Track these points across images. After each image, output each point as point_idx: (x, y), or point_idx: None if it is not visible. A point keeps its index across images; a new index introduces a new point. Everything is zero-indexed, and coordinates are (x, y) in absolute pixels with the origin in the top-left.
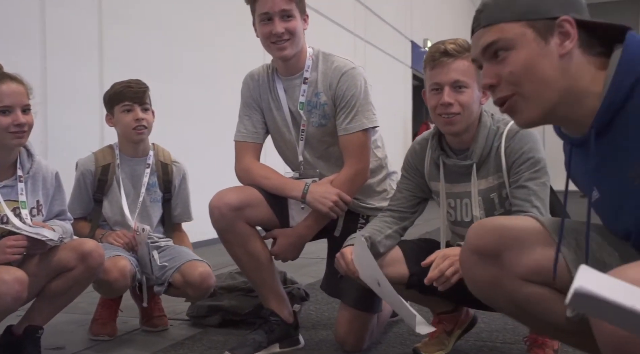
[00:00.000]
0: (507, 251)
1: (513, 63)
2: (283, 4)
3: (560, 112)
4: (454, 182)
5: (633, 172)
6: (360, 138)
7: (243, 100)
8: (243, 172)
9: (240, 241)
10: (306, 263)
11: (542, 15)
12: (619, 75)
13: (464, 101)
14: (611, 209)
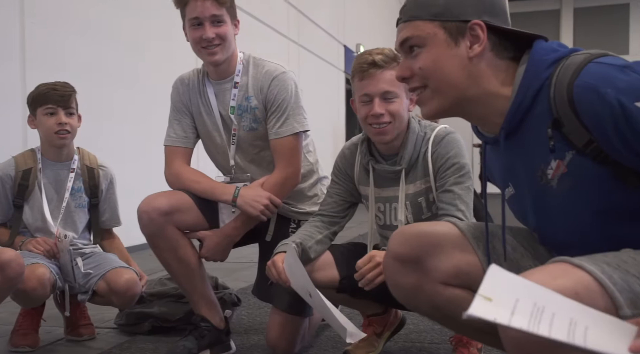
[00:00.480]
0: (427, 256)
1: (423, 60)
2: (214, 9)
3: (470, 110)
4: (383, 187)
5: (539, 171)
6: (291, 142)
7: (173, 104)
8: (173, 177)
9: (169, 246)
10: (238, 268)
11: (455, 18)
12: (526, 82)
13: (393, 110)
14: (522, 205)
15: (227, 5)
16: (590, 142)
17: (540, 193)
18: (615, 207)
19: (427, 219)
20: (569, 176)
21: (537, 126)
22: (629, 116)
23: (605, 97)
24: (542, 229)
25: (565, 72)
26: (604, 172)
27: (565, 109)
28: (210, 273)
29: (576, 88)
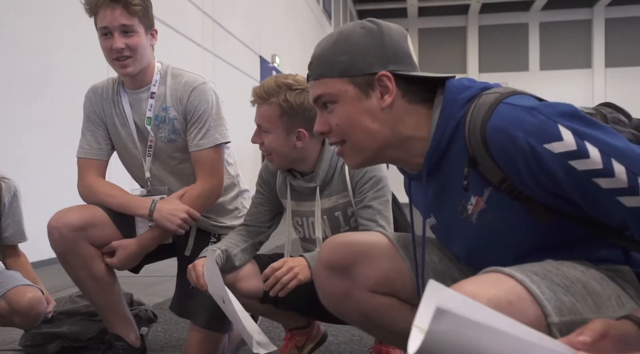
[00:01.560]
0: (357, 264)
1: (338, 116)
2: (123, 19)
3: (390, 155)
4: (301, 201)
5: (459, 206)
6: (213, 154)
7: (85, 115)
8: (86, 190)
9: (82, 263)
10: (153, 282)
11: (362, 72)
12: (442, 122)
13: (267, 143)
14: (445, 235)
15: (139, 14)
16: (505, 179)
17: (461, 227)
18: (530, 241)
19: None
20: (488, 212)
21: (456, 164)
22: (538, 157)
23: (516, 141)
24: (465, 259)
25: (477, 112)
26: (519, 207)
27: (480, 149)
28: (124, 288)
29: (488, 130)
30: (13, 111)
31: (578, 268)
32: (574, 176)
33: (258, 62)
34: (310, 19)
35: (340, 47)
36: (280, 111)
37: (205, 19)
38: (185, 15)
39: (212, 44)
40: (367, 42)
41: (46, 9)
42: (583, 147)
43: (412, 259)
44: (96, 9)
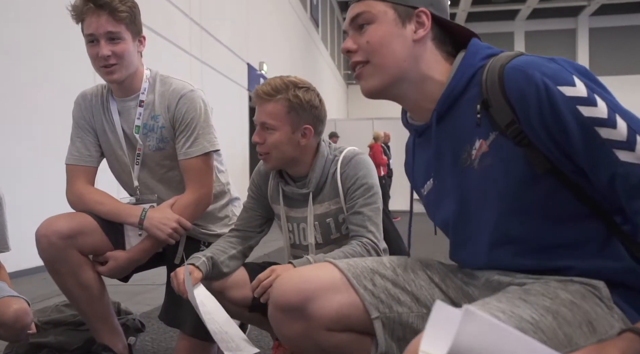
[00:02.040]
0: (309, 303)
1: (371, 35)
2: (109, 26)
3: (405, 90)
4: (293, 207)
5: (464, 154)
6: (202, 162)
7: (75, 121)
8: (75, 197)
9: (71, 271)
10: (140, 290)
11: (405, 2)
12: (462, 68)
13: (270, 142)
14: (441, 195)
15: (125, 21)
16: (513, 122)
17: (462, 176)
18: (519, 197)
19: (336, 239)
20: (489, 156)
21: (467, 110)
22: (551, 96)
23: (532, 78)
24: (455, 216)
25: (497, 60)
26: (519, 154)
27: (494, 89)
28: (111, 296)
29: (506, 69)
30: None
31: (546, 294)
32: (578, 120)
33: (245, 69)
34: (298, 27)
35: None
36: (288, 107)
37: (192, 26)
38: (173, 22)
39: (199, 51)
40: None
41: (34, 16)
42: (592, 97)
43: (365, 287)
44: (82, 15)
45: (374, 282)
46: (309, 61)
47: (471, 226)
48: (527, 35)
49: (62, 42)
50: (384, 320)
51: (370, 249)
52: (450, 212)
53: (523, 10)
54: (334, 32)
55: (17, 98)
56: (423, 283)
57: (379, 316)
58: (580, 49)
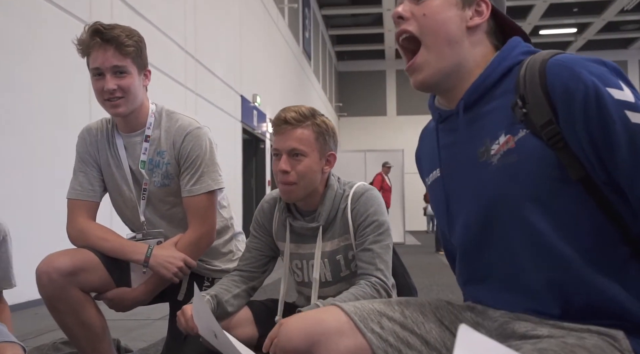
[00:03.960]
0: (315, 348)
1: (430, 7)
2: (115, 60)
3: (451, 80)
4: (300, 243)
5: (482, 147)
6: (206, 200)
7: (79, 155)
8: (77, 232)
9: (72, 309)
10: (136, 326)
11: None
12: (497, 59)
13: (300, 170)
14: (447, 187)
15: (131, 55)
16: (550, 122)
17: (475, 172)
18: (541, 198)
19: (345, 276)
20: (514, 152)
21: (497, 104)
22: (600, 97)
23: (580, 76)
24: (459, 212)
25: (539, 56)
26: (550, 156)
27: (534, 85)
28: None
29: (550, 64)
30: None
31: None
32: (625, 125)
33: (239, 101)
34: (290, 59)
35: None
36: (317, 133)
37: (188, 59)
38: (169, 54)
39: (194, 83)
40: None
41: (31, 47)
42: (639, 103)
43: (372, 330)
44: (88, 49)
45: (381, 325)
46: (301, 93)
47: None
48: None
49: (59, 76)
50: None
51: (379, 289)
52: (455, 209)
53: None
54: (326, 65)
55: (13, 131)
56: (433, 325)
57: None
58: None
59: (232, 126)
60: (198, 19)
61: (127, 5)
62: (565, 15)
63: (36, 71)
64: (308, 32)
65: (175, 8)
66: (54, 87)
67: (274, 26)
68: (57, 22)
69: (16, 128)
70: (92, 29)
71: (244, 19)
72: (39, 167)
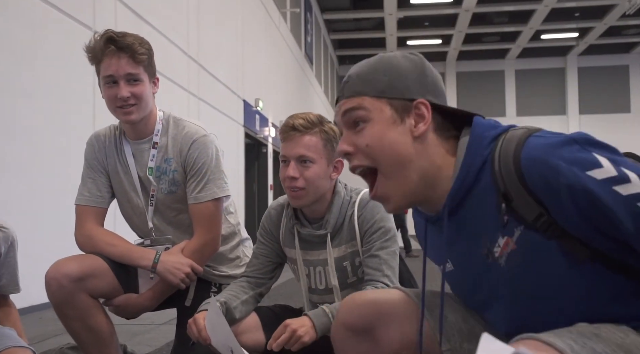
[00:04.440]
0: (378, 325)
1: (370, 136)
2: (129, 67)
3: (420, 193)
4: (309, 250)
5: (484, 250)
6: (211, 208)
7: (87, 162)
8: (85, 238)
9: (80, 315)
10: (140, 331)
11: (401, 95)
12: (469, 159)
13: (308, 176)
14: (467, 283)
15: (144, 63)
16: (541, 215)
17: (486, 271)
18: (565, 291)
19: (352, 283)
20: (518, 254)
21: (481, 203)
22: (584, 186)
23: (558, 169)
24: (486, 307)
25: (507, 145)
26: (553, 246)
27: (513, 183)
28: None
29: (524, 161)
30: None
31: (617, 333)
32: (619, 201)
33: (241, 105)
34: (292, 64)
35: (381, 68)
36: (325, 140)
37: (190, 63)
38: (172, 59)
39: (197, 88)
40: (409, 68)
41: (36, 52)
42: (622, 173)
43: (436, 318)
44: (101, 57)
45: (446, 315)
46: (303, 98)
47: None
48: (518, 73)
49: (62, 82)
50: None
51: None
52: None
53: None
54: (328, 69)
55: (24, 138)
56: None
57: (450, 348)
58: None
59: (235, 130)
60: (200, 24)
61: (130, 10)
62: (566, 19)
63: (40, 76)
64: (310, 37)
65: (177, 13)
66: (58, 92)
67: (276, 30)
68: (61, 27)
69: (20, 133)
70: (106, 36)
71: (246, 23)
72: (43, 172)
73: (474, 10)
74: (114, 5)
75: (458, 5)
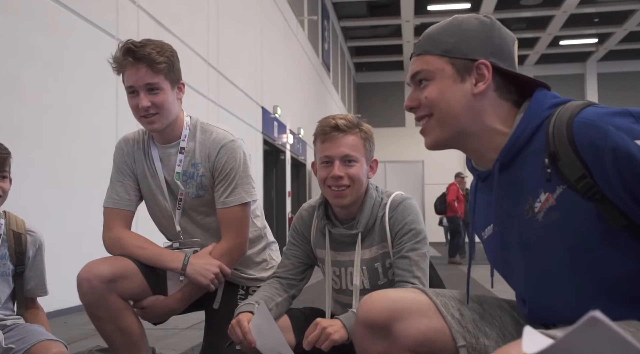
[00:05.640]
0: (396, 323)
1: (429, 92)
2: (148, 77)
3: (469, 143)
4: (339, 251)
5: (526, 205)
6: (239, 212)
7: (116, 165)
8: (114, 241)
9: (111, 316)
10: (164, 335)
11: (463, 55)
12: (526, 118)
13: (353, 174)
14: (503, 243)
15: (164, 71)
16: (584, 176)
17: (525, 228)
18: (589, 249)
19: (383, 285)
20: (556, 210)
21: (532, 162)
22: (629, 152)
23: (606, 133)
24: (517, 266)
25: (565, 111)
26: (590, 209)
27: (563, 143)
28: None
29: (576, 123)
30: (36, 163)
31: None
32: None
33: (260, 112)
34: (310, 71)
35: (449, 30)
36: (364, 139)
37: (210, 70)
38: (192, 66)
39: (216, 95)
40: (476, 30)
41: (61, 60)
42: None
43: (452, 315)
44: (122, 68)
45: (461, 312)
46: (321, 105)
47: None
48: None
49: (90, 90)
50: (470, 350)
51: None
52: (513, 264)
53: (531, 55)
54: (345, 76)
55: (54, 146)
56: (509, 321)
57: (465, 344)
58: (589, 93)
59: (253, 137)
60: (220, 32)
61: (152, 19)
62: (585, 25)
63: (66, 84)
64: (327, 44)
65: (198, 21)
66: (82, 100)
67: (294, 38)
68: (85, 35)
69: (47, 140)
70: (125, 48)
71: (264, 31)
72: (67, 179)
73: (491, 16)
74: (136, 14)
75: (475, 11)
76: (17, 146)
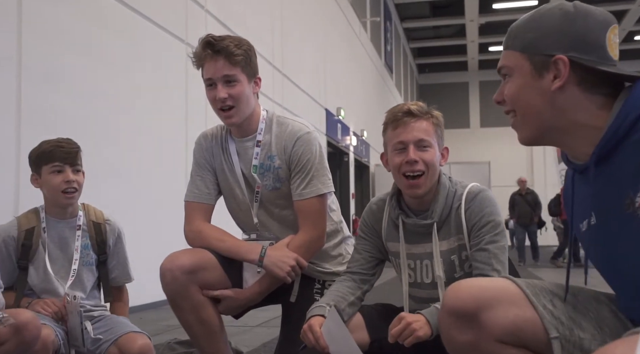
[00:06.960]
0: (484, 312)
1: (509, 88)
2: (225, 69)
3: (557, 138)
4: (414, 243)
5: (627, 199)
6: (316, 204)
7: (195, 160)
8: (194, 234)
9: (192, 306)
10: (235, 332)
11: (540, 51)
12: (625, 110)
13: (427, 159)
14: (603, 236)
15: (241, 64)
16: None
17: (625, 223)
18: None
19: (460, 278)
20: None
21: (631, 154)
22: None
23: None
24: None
25: None
26: None
27: None
28: None
29: None
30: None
31: None
32: None
33: (324, 114)
34: (373, 73)
35: (530, 25)
36: (435, 125)
37: (275, 73)
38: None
39: (281, 97)
40: (557, 24)
41: (132, 63)
42: None
43: (544, 305)
44: (202, 61)
45: (553, 303)
46: (383, 107)
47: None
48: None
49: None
50: (563, 342)
51: None
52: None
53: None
54: (407, 78)
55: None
56: (607, 314)
57: (558, 336)
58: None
59: None
60: (285, 34)
61: (220, 23)
62: None
63: (138, 86)
64: (390, 46)
65: (263, 24)
66: (153, 101)
67: (357, 40)
68: (156, 40)
69: (122, 139)
70: (204, 41)
71: (328, 33)
72: (140, 176)
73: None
74: (204, 19)
75: None
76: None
